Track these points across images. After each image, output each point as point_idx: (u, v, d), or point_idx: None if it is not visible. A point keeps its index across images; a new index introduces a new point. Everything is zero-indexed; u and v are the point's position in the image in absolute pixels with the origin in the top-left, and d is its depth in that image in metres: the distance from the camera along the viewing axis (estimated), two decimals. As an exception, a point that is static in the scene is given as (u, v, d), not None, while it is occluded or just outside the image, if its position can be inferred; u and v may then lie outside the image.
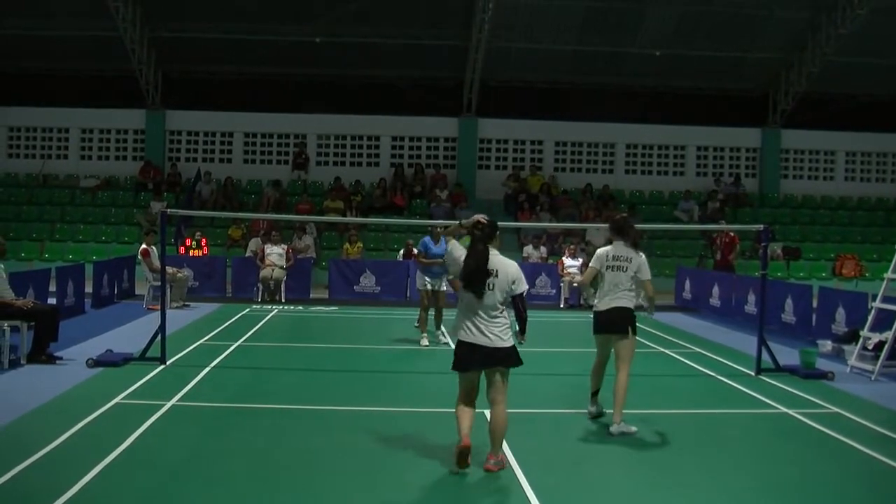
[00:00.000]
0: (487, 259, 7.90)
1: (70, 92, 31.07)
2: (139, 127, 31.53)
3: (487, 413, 8.13)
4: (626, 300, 9.64)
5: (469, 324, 7.89)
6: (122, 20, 27.49)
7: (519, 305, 8.06)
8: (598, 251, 10.00)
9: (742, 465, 8.40)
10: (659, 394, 11.81)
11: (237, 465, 7.95)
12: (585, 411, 10.02)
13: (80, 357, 12.66)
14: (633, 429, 9.24)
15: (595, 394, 10.05)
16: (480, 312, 7.86)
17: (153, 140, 31.40)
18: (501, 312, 7.92)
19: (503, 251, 8.37)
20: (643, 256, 9.89)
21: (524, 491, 7.35)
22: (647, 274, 9.81)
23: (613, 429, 9.27)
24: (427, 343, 15.31)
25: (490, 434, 7.94)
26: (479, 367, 7.95)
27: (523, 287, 8.02)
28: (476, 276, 7.86)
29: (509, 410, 7.97)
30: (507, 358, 7.89)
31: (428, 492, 7.40)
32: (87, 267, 19.59)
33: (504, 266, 7.97)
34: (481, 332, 7.84)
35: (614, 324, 9.64)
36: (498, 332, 7.84)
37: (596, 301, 9.91)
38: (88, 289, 19.01)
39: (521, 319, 8.12)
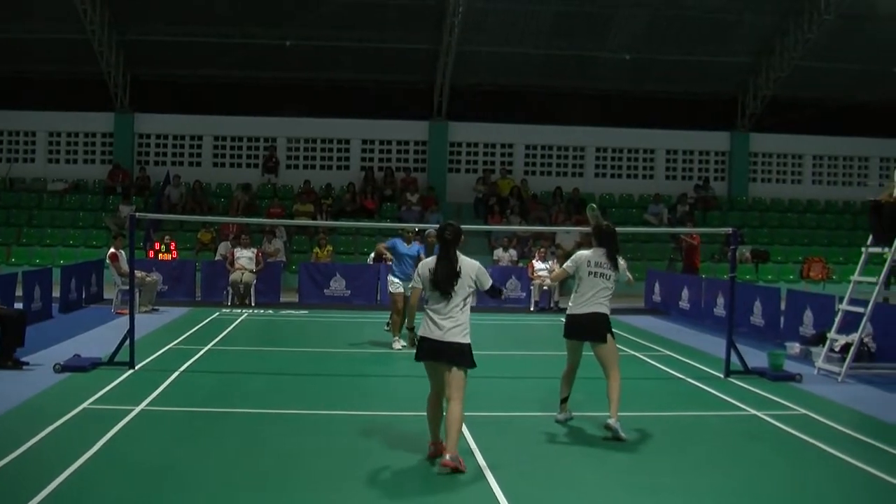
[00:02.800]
0: (458, 261, 8.20)
1: (37, 95, 30.76)
2: (107, 130, 31.32)
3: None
4: (604, 306, 9.61)
5: (429, 320, 8.17)
6: (90, 23, 27.29)
7: (495, 292, 8.66)
8: (579, 253, 9.86)
9: (711, 466, 8.45)
10: (629, 396, 11.78)
11: (208, 470, 7.91)
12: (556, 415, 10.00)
13: (48, 362, 12.53)
14: (625, 436, 9.18)
15: (564, 401, 9.95)
16: (439, 309, 8.13)
17: (122, 143, 31.20)
18: (461, 310, 8.14)
19: (474, 254, 8.54)
20: (623, 262, 9.93)
21: (495, 494, 7.36)
22: (626, 275, 9.96)
23: (612, 422, 9.19)
24: (400, 346, 15.28)
25: (445, 430, 8.02)
26: (431, 359, 8.18)
27: (488, 281, 8.39)
28: (449, 278, 8.12)
29: (482, 413, 7.94)
30: (458, 354, 8.06)
31: (399, 495, 7.38)
32: (55, 271, 19.42)
33: (467, 265, 8.27)
34: (437, 325, 8.09)
35: (590, 330, 9.58)
36: (451, 326, 8.07)
37: (570, 304, 9.85)
38: (56, 293, 18.83)
39: (497, 291, 8.70)
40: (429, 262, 8.37)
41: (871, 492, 7.87)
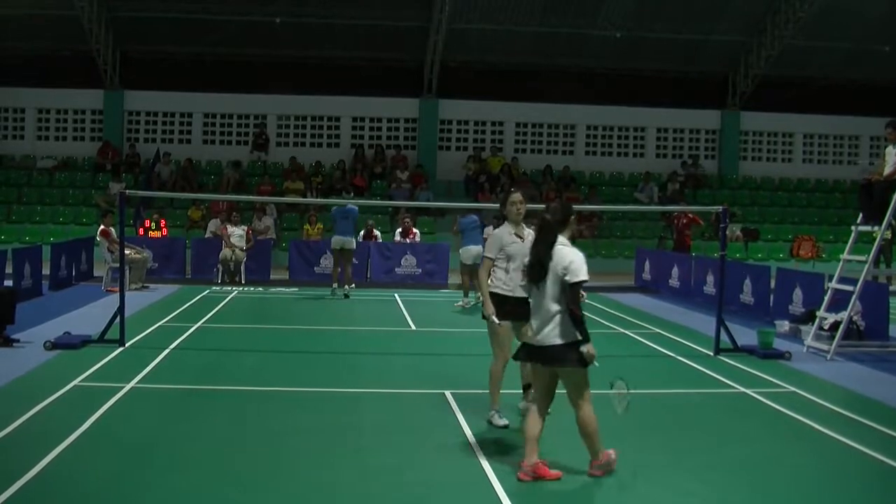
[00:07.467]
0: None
1: (26, 72, 30.49)
2: (97, 107, 31.17)
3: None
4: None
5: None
6: (79, -1, 27.17)
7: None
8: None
9: (701, 443, 8.49)
10: (619, 374, 11.88)
11: (199, 447, 7.92)
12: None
13: (38, 340, 12.52)
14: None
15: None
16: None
17: (111, 120, 31.07)
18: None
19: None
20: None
21: (485, 471, 7.39)
22: None
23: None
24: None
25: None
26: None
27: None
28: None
29: (473, 390, 7.83)
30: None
31: (388, 473, 7.39)
32: (45, 248, 19.38)
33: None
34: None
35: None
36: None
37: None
38: (46, 271, 18.81)
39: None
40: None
41: (858, 468, 7.91)
